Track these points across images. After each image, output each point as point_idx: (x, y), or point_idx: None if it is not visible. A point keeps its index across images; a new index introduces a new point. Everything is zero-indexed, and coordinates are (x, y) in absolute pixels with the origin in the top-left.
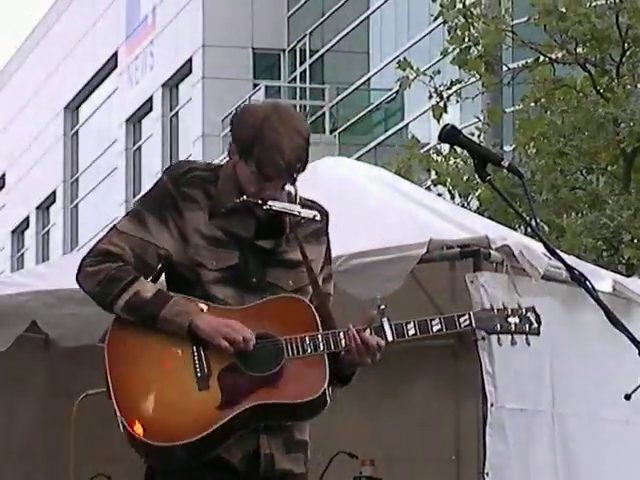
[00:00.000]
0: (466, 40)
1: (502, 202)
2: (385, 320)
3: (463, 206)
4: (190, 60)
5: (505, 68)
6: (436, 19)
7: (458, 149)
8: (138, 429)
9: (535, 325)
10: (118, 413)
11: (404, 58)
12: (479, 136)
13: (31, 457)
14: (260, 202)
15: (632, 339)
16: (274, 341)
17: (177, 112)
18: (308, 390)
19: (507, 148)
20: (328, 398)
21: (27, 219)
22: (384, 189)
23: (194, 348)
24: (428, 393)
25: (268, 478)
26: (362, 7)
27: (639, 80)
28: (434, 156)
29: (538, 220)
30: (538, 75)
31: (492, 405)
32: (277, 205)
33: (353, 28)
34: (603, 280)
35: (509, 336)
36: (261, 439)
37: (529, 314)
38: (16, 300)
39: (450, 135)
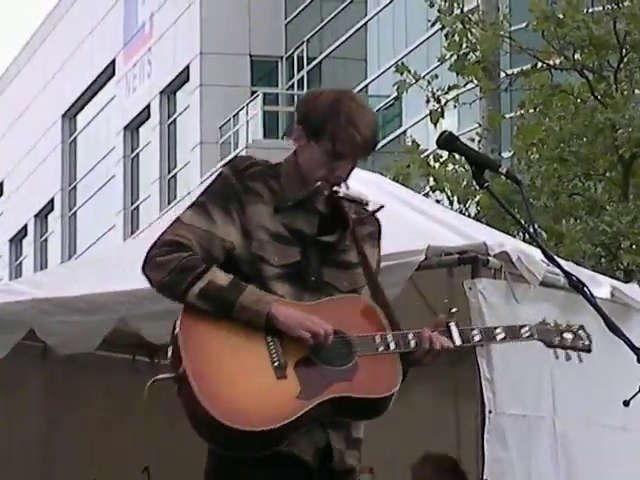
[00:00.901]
0: (464, 46)
1: (501, 208)
2: (453, 324)
3: (461, 212)
4: (188, 67)
5: (503, 74)
6: (434, 25)
7: (457, 155)
8: (219, 412)
9: (587, 342)
10: (198, 396)
11: (402, 63)
12: (479, 142)
13: (29, 463)
14: (331, 186)
15: (630, 345)
16: (345, 338)
17: (175, 120)
18: (383, 386)
19: (505, 154)
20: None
21: (25, 227)
22: (381, 195)
23: (268, 338)
24: (428, 400)
25: (336, 473)
26: (360, 14)
27: (637, 86)
28: (432, 162)
29: (536, 226)
30: (535, 81)
31: (490, 411)
32: (348, 192)
33: (351, 35)
34: (601, 286)
35: (563, 351)
36: (330, 434)
37: (580, 331)
38: (14, 308)
39: (448, 142)
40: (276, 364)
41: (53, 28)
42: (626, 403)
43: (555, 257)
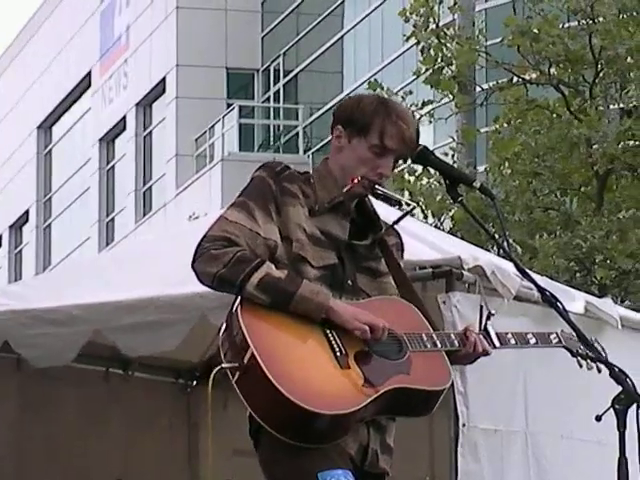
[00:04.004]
0: (439, 60)
1: (475, 222)
2: (490, 327)
3: (436, 226)
4: (164, 80)
5: (478, 89)
6: (408, 39)
7: (431, 169)
8: (296, 396)
9: (603, 354)
10: (273, 380)
11: (375, 79)
12: (452, 156)
13: (2, 475)
14: (372, 183)
15: (603, 360)
16: (394, 335)
17: (151, 132)
18: (439, 380)
19: (480, 168)
20: None
21: (0, 238)
22: None
23: (325, 330)
24: None
25: (369, 474)
26: (336, 28)
27: (612, 101)
28: (407, 176)
29: (510, 241)
30: (510, 95)
31: (464, 425)
32: (386, 191)
33: (327, 48)
34: (575, 301)
35: (584, 361)
36: (371, 434)
37: (596, 344)
38: None
39: (422, 156)
40: (338, 354)
41: (29, 39)
42: (598, 418)
43: (529, 271)
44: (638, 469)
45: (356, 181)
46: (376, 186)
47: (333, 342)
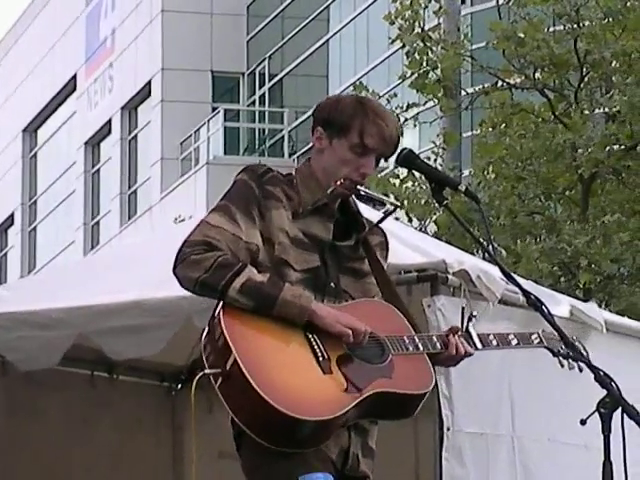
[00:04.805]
0: (424, 64)
1: (460, 226)
2: (472, 328)
3: (421, 230)
4: (149, 83)
5: (463, 93)
6: (393, 42)
7: (416, 173)
8: (277, 401)
9: (585, 353)
10: (255, 385)
11: (360, 82)
12: (435, 160)
13: None
14: (355, 184)
15: (588, 364)
16: (376, 338)
17: (136, 135)
18: (421, 384)
19: (466, 172)
20: None
21: None
22: None
23: (307, 333)
24: None
25: (351, 477)
26: (321, 31)
27: (597, 105)
28: (392, 180)
29: (495, 245)
30: (495, 99)
31: (448, 429)
32: (369, 191)
33: (312, 52)
34: (560, 305)
35: (565, 361)
36: (352, 437)
37: (577, 343)
38: None
39: (407, 159)
40: (321, 359)
41: (14, 42)
42: (583, 422)
43: (513, 275)
44: (623, 473)
45: (339, 183)
46: (359, 187)
47: (315, 346)
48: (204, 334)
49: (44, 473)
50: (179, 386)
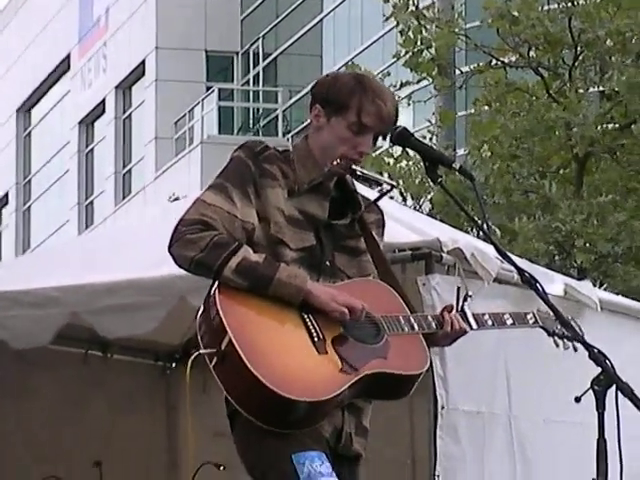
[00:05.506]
0: (418, 43)
1: (454, 205)
2: (467, 308)
3: (415, 209)
4: (143, 62)
5: (458, 71)
6: (387, 20)
7: (410, 151)
8: (273, 382)
9: (580, 332)
10: (250, 366)
11: (352, 62)
12: (430, 139)
13: None
14: (351, 164)
15: (582, 342)
16: (372, 318)
17: (130, 115)
18: (416, 364)
19: (460, 151)
20: None
21: None
22: None
23: (302, 314)
24: None
25: (344, 456)
26: (315, 10)
27: (591, 84)
28: (386, 158)
29: (490, 223)
30: (490, 78)
31: (443, 408)
32: (365, 171)
33: (306, 31)
34: (554, 283)
35: (561, 340)
36: (345, 417)
37: (573, 322)
38: None
39: (401, 137)
40: (316, 339)
41: (8, 22)
42: (577, 399)
43: (508, 254)
44: (617, 449)
45: (335, 163)
46: (354, 167)
47: (311, 327)
48: (199, 313)
49: (36, 453)
50: (173, 365)
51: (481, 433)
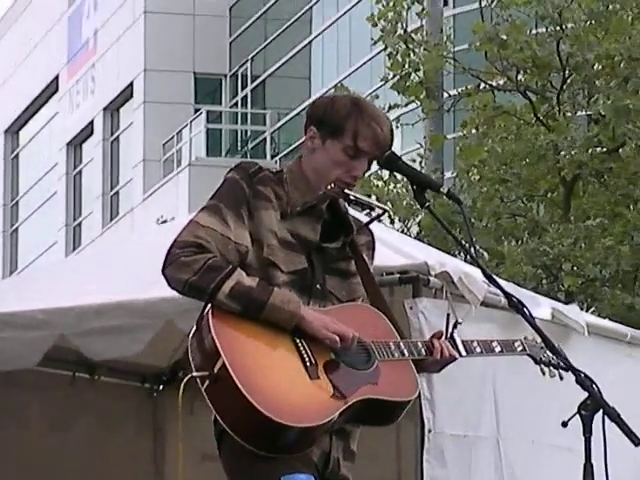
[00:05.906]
0: (406, 66)
1: (442, 229)
2: (456, 335)
3: (403, 232)
4: (131, 84)
5: (446, 94)
6: (376, 43)
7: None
8: (266, 407)
9: (568, 360)
10: (243, 390)
11: (341, 84)
12: (420, 163)
13: None
14: (345, 188)
15: (569, 366)
16: (363, 344)
17: (118, 136)
18: (407, 391)
19: (448, 174)
20: None
21: None
22: None
23: (295, 338)
24: None
25: None
26: (304, 33)
27: (579, 108)
28: (375, 181)
29: (477, 247)
30: (478, 101)
31: (430, 431)
32: (358, 196)
33: (295, 54)
34: (541, 307)
35: (547, 368)
36: (333, 441)
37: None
38: None
39: (389, 161)
40: (308, 364)
41: None
42: (564, 424)
43: (495, 277)
44: (604, 474)
45: (329, 188)
46: (347, 192)
47: (303, 352)
48: (191, 333)
49: (24, 474)
50: (160, 387)
51: (467, 456)
